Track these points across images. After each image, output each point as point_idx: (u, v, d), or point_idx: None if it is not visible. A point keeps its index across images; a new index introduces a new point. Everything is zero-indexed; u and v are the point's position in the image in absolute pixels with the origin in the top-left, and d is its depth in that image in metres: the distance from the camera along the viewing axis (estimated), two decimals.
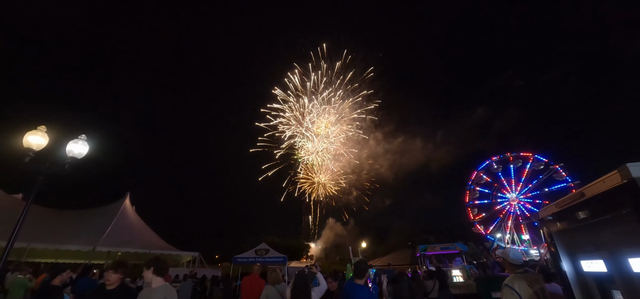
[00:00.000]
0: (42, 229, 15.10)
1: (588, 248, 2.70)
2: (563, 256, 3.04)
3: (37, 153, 5.83)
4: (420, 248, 26.22)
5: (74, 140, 6.33)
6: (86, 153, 6.43)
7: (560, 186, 33.59)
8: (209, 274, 17.60)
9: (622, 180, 1.82)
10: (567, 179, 33.13)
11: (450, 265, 18.17)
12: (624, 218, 1.89)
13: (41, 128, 6.04)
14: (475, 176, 37.70)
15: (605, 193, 2.01)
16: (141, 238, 19.71)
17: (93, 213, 20.25)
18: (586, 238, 2.68)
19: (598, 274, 2.62)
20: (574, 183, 32.26)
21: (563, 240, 3.05)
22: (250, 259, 19.20)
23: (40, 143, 5.89)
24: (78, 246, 14.97)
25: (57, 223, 17.25)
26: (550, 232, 3.14)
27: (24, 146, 5.78)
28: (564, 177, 33.33)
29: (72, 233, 16.05)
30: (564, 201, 2.73)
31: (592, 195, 2.19)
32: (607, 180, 1.97)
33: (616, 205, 1.93)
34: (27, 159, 5.68)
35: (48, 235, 15.06)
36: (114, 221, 17.70)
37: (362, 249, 34.96)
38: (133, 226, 20.18)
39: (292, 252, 53.44)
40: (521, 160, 36.35)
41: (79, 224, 17.63)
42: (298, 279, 4.38)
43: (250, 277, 6.25)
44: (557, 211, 2.87)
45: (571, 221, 2.61)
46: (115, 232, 17.06)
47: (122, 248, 17.07)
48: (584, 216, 2.34)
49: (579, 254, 2.89)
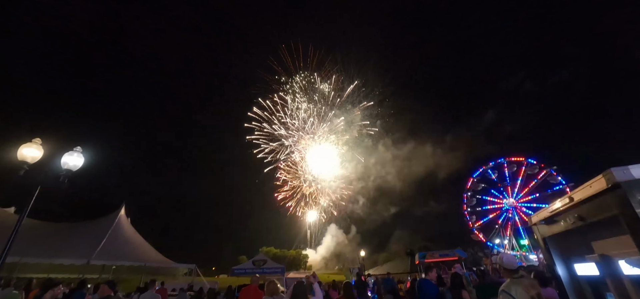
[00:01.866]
0: (35, 243, 14.83)
1: (580, 252, 2.74)
2: (557, 261, 3.08)
3: (32, 165, 5.79)
4: (420, 255, 26.16)
5: (69, 152, 6.31)
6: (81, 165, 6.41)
7: (556, 188, 33.89)
8: (205, 287, 17.34)
9: (607, 184, 1.87)
10: (561, 182, 33.47)
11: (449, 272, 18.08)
12: (612, 221, 1.93)
13: (36, 140, 6.01)
14: (471, 184, 37.89)
15: (592, 197, 2.06)
16: (136, 250, 19.40)
17: (87, 225, 19.96)
18: (578, 242, 2.72)
19: (591, 277, 2.66)
20: (568, 185, 32.60)
21: (556, 245, 3.09)
22: (248, 271, 19.00)
23: (35, 156, 5.86)
24: (72, 259, 14.69)
25: (50, 237, 16.95)
26: (543, 237, 3.18)
27: (18, 159, 5.75)
28: (558, 180, 33.68)
29: (66, 247, 15.76)
30: (554, 205, 2.79)
31: (580, 199, 2.24)
32: (593, 184, 2.03)
33: (603, 208, 1.98)
34: (21, 172, 5.64)
35: (41, 249, 14.77)
36: (109, 233, 17.44)
37: (361, 259, 34.61)
38: (128, 238, 19.88)
39: (291, 263, 52.97)
40: (515, 165, 36.72)
41: (73, 237, 17.35)
42: (297, 288, 4.41)
43: (248, 288, 6.21)
44: (548, 216, 2.92)
45: (562, 225, 2.66)
46: (110, 245, 16.78)
47: (117, 261, 16.79)
48: (573, 220, 2.39)
49: (572, 258, 2.93)
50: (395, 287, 12.31)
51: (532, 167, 35.44)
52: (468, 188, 37.70)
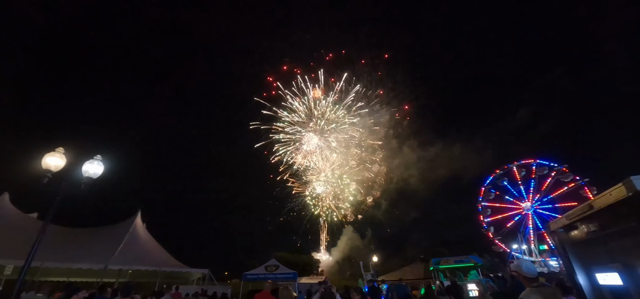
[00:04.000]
0: (55, 247, 15.36)
1: (602, 260, 2.65)
2: (577, 269, 2.97)
3: (55, 174, 6.06)
4: (434, 261, 25.56)
5: (90, 160, 6.56)
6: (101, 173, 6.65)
7: (570, 187, 32.72)
8: (219, 292, 17.52)
9: (627, 193, 1.82)
10: (575, 179, 32.32)
11: (465, 279, 17.68)
12: (634, 230, 1.87)
13: (59, 149, 6.29)
14: (484, 193, 36.88)
15: (612, 205, 2.00)
16: (151, 255, 19.83)
17: (105, 231, 20.56)
18: (599, 250, 2.63)
19: (614, 287, 2.56)
20: (583, 181, 31.50)
21: (576, 252, 2.99)
22: (261, 276, 19.09)
23: (58, 165, 6.13)
24: (90, 264, 15.16)
25: (70, 242, 17.54)
26: (562, 244, 3.09)
27: (42, 167, 6.02)
28: (573, 178, 32.51)
29: (84, 252, 16.28)
30: (573, 213, 2.71)
31: (599, 207, 2.17)
32: (613, 192, 1.97)
33: (623, 217, 1.92)
34: (45, 180, 5.90)
35: (61, 254, 15.31)
36: (125, 239, 17.93)
37: (374, 264, 34.12)
38: (144, 244, 20.35)
39: (302, 268, 52.81)
40: (524, 168, 35.56)
41: (91, 242, 17.90)
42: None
43: (261, 294, 6.26)
44: (567, 224, 2.84)
45: (582, 233, 2.58)
46: (126, 250, 17.25)
47: (133, 266, 17.19)
48: (594, 229, 2.32)
49: (593, 266, 2.83)
50: (409, 293, 12.11)
51: (543, 168, 34.30)
52: (482, 197, 36.72)
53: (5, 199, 18.18)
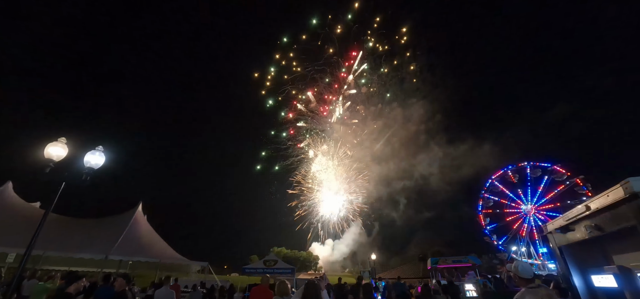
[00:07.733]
0: (57, 237, 15.53)
1: (598, 263, 2.65)
2: (573, 271, 2.98)
3: (57, 163, 6.10)
4: (432, 261, 25.74)
5: (92, 151, 6.60)
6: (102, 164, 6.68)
7: (568, 185, 32.61)
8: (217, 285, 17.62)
9: (624, 194, 1.81)
10: (569, 175, 32.24)
11: (462, 279, 17.73)
12: (630, 232, 1.87)
13: (61, 139, 6.33)
14: (489, 185, 36.68)
15: (609, 206, 2.00)
16: (152, 247, 19.97)
17: (106, 222, 20.71)
18: (595, 253, 2.64)
19: (609, 289, 2.57)
20: (579, 177, 31.48)
21: (572, 254, 2.99)
22: (259, 270, 19.24)
23: (60, 154, 6.17)
24: (91, 254, 15.31)
25: (71, 231, 17.68)
26: (559, 246, 3.09)
27: (44, 157, 6.06)
28: (567, 175, 32.39)
29: (86, 242, 16.42)
30: (570, 214, 2.71)
31: (596, 208, 2.17)
32: (610, 194, 1.96)
33: (621, 219, 1.91)
34: (47, 169, 5.94)
35: (63, 243, 15.47)
36: (126, 230, 18.05)
37: (373, 262, 34.14)
38: (144, 235, 20.48)
39: (301, 263, 53.11)
40: (539, 170, 35.26)
41: (92, 233, 18.04)
42: (309, 287, 4.35)
43: (259, 288, 6.31)
44: (564, 225, 2.84)
45: (578, 235, 2.58)
46: (127, 241, 17.38)
47: (133, 257, 17.34)
48: (590, 230, 2.32)
49: (589, 268, 2.83)
50: (406, 291, 12.17)
51: (559, 174, 33.95)
52: (486, 189, 36.58)
53: (8, 188, 18.35)
